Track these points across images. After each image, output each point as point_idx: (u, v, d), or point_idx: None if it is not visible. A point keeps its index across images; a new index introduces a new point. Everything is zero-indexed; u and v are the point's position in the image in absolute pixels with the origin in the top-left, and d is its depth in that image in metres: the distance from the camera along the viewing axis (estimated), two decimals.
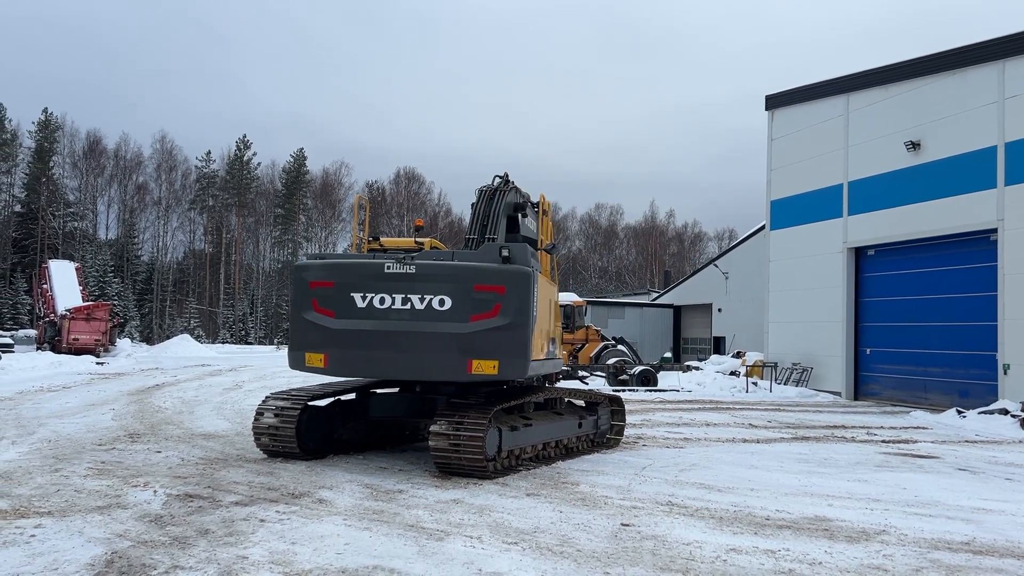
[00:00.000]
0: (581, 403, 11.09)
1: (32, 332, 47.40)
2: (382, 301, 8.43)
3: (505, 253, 8.60)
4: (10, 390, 17.88)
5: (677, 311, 45.69)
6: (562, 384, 11.63)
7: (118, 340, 42.37)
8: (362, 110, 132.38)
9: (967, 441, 13.83)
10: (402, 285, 8.43)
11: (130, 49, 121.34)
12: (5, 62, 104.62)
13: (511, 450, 9.02)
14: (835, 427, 15.25)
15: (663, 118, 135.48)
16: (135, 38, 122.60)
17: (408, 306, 8.40)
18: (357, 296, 8.49)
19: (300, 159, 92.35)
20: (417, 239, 10.11)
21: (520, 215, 10.60)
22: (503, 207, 10.54)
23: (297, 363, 8.75)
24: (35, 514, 6.43)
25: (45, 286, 43.68)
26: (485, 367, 8.32)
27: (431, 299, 8.37)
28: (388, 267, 8.48)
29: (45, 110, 78.66)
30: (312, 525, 6.29)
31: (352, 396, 10.17)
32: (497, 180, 10.97)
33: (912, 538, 6.48)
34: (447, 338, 8.33)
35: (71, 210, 77.89)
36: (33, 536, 5.77)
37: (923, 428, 15.80)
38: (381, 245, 9.85)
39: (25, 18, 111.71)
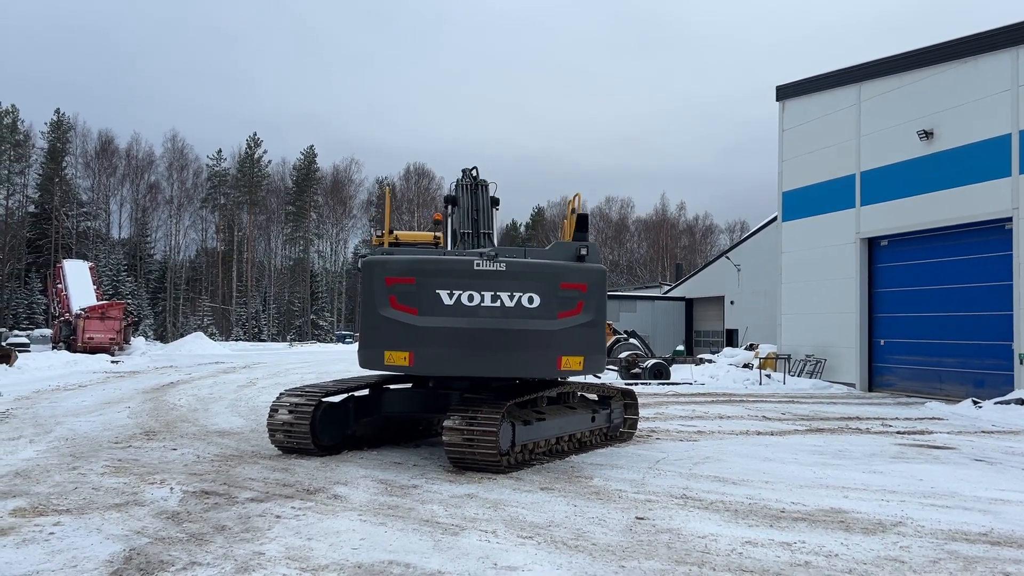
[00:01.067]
0: (594, 397, 11.09)
1: (47, 331, 47.81)
2: (471, 299, 8.38)
3: (583, 252, 8.77)
4: (27, 389, 18.04)
5: (689, 304, 45.57)
6: (574, 378, 11.62)
7: (132, 339, 42.65)
8: (372, 106, 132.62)
9: (983, 432, 13.73)
10: (492, 283, 8.41)
11: (141, 49, 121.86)
12: (18, 64, 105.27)
13: (524, 444, 9.03)
14: (850, 419, 15.18)
15: (673, 111, 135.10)
16: (146, 38, 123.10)
17: (498, 304, 8.40)
18: (443, 293, 8.37)
19: (310, 156, 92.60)
20: (436, 233, 10.23)
21: (495, 208, 10.87)
22: (488, 200, 10.77)
23: (374, 362, 8.51)
24: (54, 512, 6.49)
25: (60, 286, 44.02)
26: (572, 363, 8.54)
27: (520, 297, 8.43)
28: (477, 264, 8.45)
29: (57, 111, 79.29)
30: (327, 521, 6.32)
31: (365, 392, 10.20)
32: (463, 173, 11.19)
33: (929, 529, 6.45)
34: (538, 335, 8.44)
35: (84, 210, 78.40)
36: (52, 534, 5.82)
37: (939, 419, 15.70)
38: (396, 239, 9.89)
39: (36, 18, 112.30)
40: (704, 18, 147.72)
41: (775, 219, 30.39)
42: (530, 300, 8.44)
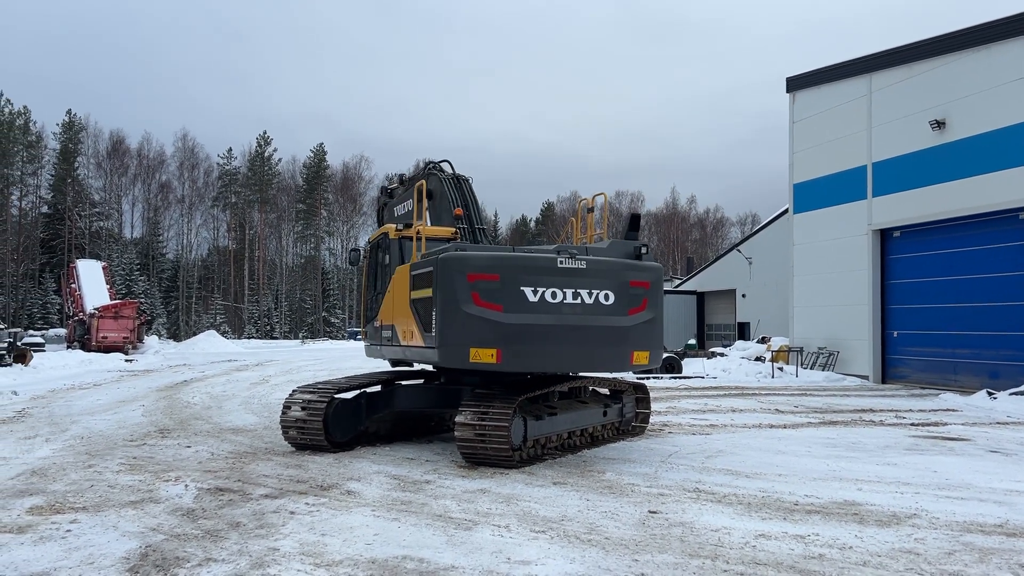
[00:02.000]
0: (605, 391, 11.08)
1: (62, 331, 48.13)
2: (554, 295, 8.47)
3: (644, 250, 9.15)
4: (42, 388, 18.19)
5: (700, 297, 45.42)
6: (585, 373, 11.61)
7: (146, 337, 42.91)
8: (381, 103, 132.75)
9: (998, 423, 13.64)
10: (573, 280, 8.56)
11: (151, 49, 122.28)
12: (30, 66, 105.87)
13: (536, 439, 9.04)
14: (863, 411, 15.11)
15: (683, 103, 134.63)
16: (156, 38, 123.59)
17: (579, 301, 8.56)
18: (527, 290, 8.39)
19: (320, 154, 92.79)
20: (457, 227, 10.41)
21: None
22: (474, 195, 11.05)
23: (457, 359, 8.40)
24: (70, 509, 6.55)
25: (73, 285, 44.31)
26: (641, 358, 8.93)
27: (598, 294, 8.65)
28: (560, 262, 8.56)
29: (69, 112, 79.67)
30: (341, 516, 6.34)
31: (377, 388, 10.23)
32: (431, 166, 11.66)
33: (944, 521, 6.42)
34: (614, 331, 8.71)
35: (96, 210, 78.84)
36: (69, 531, 5.87)
37: (953, 410, 15.61)
38: (418, 233, 9.97)
39: (47, 20, 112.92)
40: (714, 9, 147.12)
41: (786, 211, 30.25)
42: (606, 297, 8.70)
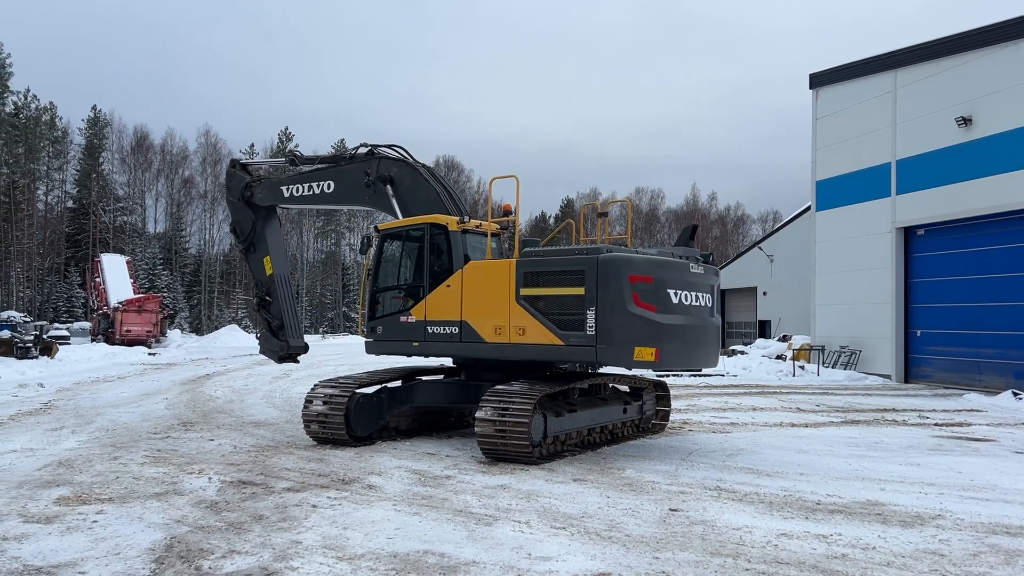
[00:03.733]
0: (625, 389, 11.05)
1: (86, 324, 48.65)
2: (686, 298, 9.03)
3: (711, 258, 9.70)
4: (68, 380, 18.43)
5: (721, 295, 45.18)
6: (605, 369, 11.60)
7: (168, 331, 43.33)
8: (401, 99, 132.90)
9: None
10: (696, 284, 9.23)
11: (174, 45, 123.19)
12: (56, 62, 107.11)
13: (556, 436, 9.05)
14: (885, 410, 14.97)
15: (704, 99, 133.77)
16: (179, 34, 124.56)
17: (702, 303, 9.29)
18: (671, 292, 8.82)
19: (341, 149, 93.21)
20: (504, 222, 10.37)
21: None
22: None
23: (621, 357, 8.63)
24: (96, 500, 6.64)
25: (98, 279, 44.82)
26: (719, 356, 9.99)
27: (706, 298, 9.42)
28: (692, 268, 9.23)
29: (94, 107, 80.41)
30: (363, 510, 6.38)
31: (398, 383, 10.27)
32: (383, 150, 11.39)
33: (969, 523, 6.35)
34: (716, 331, 9.67)
35: (120, 205, 79.66)
36: (95, 522, 5.96)
37: (977, 411, 15.43)
38: (509, 227, 10.15)
39: (72, 17, 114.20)
40: (739, 2, 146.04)
41: (808, 209, 29.99)
42: (708, 300, 9.45)
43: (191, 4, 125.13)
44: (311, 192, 12.20)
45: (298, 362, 13.64)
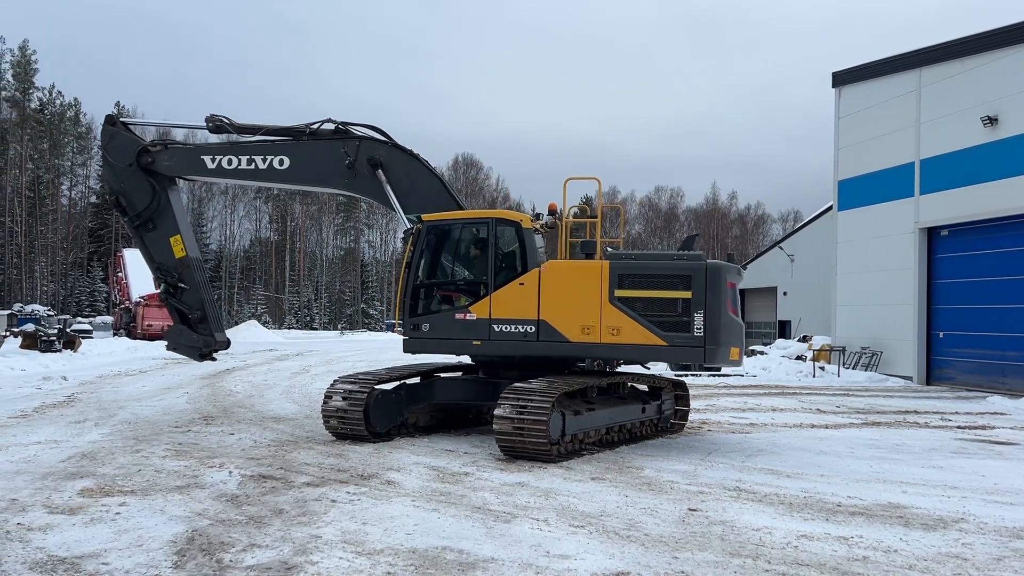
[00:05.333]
0: (644, 388, 11.02)
1: (109, 319, 49.20)
2: (734, 301, 9.85)
3: (732, 258, 10.53)
4: (91, 374, 18.64)
5: (741, 294, 44.93)
6: (624, 368, 11.58)
7: None
8: (422, 96, 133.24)
9: None
10: (734, 288, 9.88)
11: (197, 41, 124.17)
12: (81, 58, 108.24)
13: (575, 434, 9.04)
14: (907, 412, 14.83)
15: (726, 99, 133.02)
16: (201, 30, 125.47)
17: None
18: (729, 296, 9.57)
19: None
20: (550, 221, 10.36)
21: None
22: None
23: (722, 357, 9.48)
24: (119, 493, 6.71)
25: (120, 274, 45.34)
26: None
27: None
28: (738, 272, 10.06)
29: (117, 103, 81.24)
30: (382, 506, 6.41)
31: (417, 380, 10.29)
32: (369, 132, 10.72)
33: (992, 526, 6.28)
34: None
35: None
36: (118, 514, 6.02)
37: (1001, 414, 15.24)
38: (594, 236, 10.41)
39: (97, 11, 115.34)
40: (758, 2, 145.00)
41: (830, 208, 29.76)
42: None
43: (216, 2, 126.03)
44: (251, 167, 10.89)
45: (216, 360, 12.45)
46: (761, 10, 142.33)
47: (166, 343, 11.80)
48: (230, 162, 10.99)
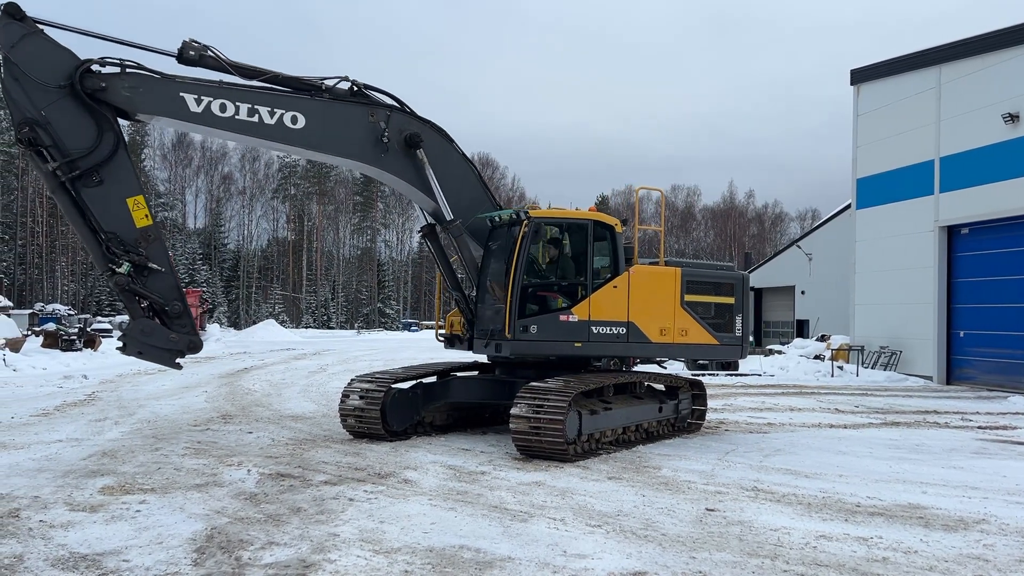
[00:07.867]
0: (661, 387, 11.00)
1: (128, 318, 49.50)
2: None
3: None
4: (110, 373, 18.81)
5: (758, 294, 44.64)
6: (640, 368, 11.56)
7: (207, 325, 44.02)
8: (439, 93, 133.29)
9: None
10: None
11: (215, 40, 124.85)
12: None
13: (591, 434, 9.02)
14: (927, 412, 14.69)
15: (743, 97, 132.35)
16: (219, 28, 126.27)
17: None
18: None
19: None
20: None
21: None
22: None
23: (746, 354, 11.10)
24: (139, 490, 6.77)
25: None
26: None
27: None
28: None
29: None
30: (399, 505, 6.43)
31: (434, 379, 10.32)
32: (395, 104, 9.23)
33: (1014, 527, 6.21)
34: None
35: (161, 200, 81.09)
36: (138, 512, 6.08)
37: (1022, 414, 15.07)
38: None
39: (115, 10, 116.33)
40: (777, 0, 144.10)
41: (848, 207, 29.52)
42: None
43: (234, 0, 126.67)
44: (253, 119, 8.41)
45: (181, 368, 9.07)
46: (780, 9, 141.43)
47: (123, 345, 8.36)
48: (223, 108, 8.31)
